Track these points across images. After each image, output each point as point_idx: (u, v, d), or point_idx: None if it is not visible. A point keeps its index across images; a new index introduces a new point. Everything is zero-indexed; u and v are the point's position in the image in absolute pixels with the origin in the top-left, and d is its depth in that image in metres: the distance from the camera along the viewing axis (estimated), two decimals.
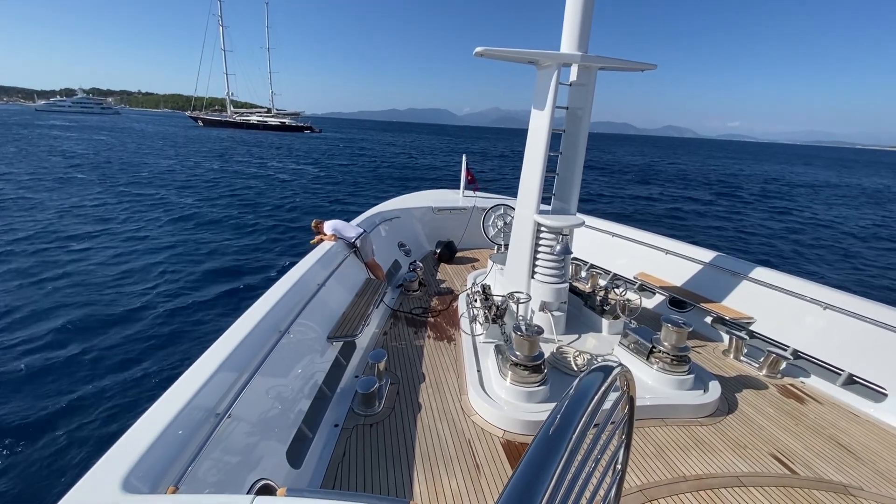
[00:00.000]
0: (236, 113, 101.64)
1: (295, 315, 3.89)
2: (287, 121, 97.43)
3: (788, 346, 4.81)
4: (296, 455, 3.05)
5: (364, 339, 4.86)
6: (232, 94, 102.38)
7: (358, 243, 5.90)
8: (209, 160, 36.77)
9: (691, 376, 4.05)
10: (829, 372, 4.51)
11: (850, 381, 4.35)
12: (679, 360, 4.06)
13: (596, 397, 1.01)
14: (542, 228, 4.88)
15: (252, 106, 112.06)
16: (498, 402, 3.76)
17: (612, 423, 1.28)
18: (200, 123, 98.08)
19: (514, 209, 5.50)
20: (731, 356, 4.98)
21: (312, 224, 6.02)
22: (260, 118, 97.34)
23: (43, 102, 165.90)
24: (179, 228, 15.01)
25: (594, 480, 1.14)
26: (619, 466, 1.42)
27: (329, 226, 5.89)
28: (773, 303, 5.13)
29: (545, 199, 5.02)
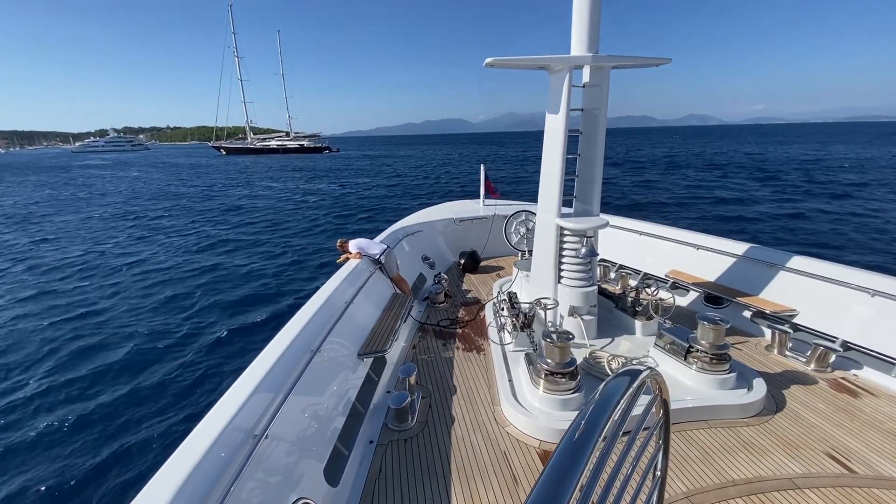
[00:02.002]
0: (257, 139, 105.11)
1: (325, 334, 3.94)
2: (305, 143, 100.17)
3: (837, 338, 4.56)
4: (333, 473, 3.08)
5: (394, 354, 4.88)
6: (251, 121, 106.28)
7: (382, 259, 5.96)
8: (233, 188, 38.07)
9: (733, 375, 3.89)
10: (884, 362, 4.24)
11: None
12: (719, 358, 3.90)
13: (622, 402, 0.98)
14: (566, 232, 4.82)
15: (271, 131, 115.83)
16: (532, 412, 3.70)
17: (647, 428, 1.25)
18: (223, 152, 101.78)
19: (535, 215, 5.46)
20: (775, 351, 4.76)
21: (338, 243, 6.12)
22: (279, 142, 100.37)
23: (79, 144, 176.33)
24: (209, 256, 15.54)
25: (631, 488, 1.11)
26: (658, 472, 1.38)
27: (353, 244, 5.98)
28: (817, 293, 4.89)
29: (566, 202, 4.96)
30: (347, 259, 5.83)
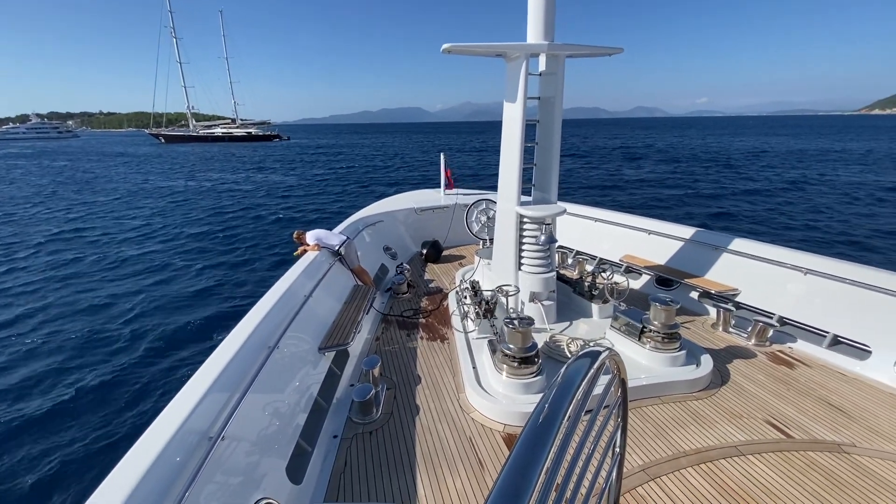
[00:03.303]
0: (200, 126, 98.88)
1: (283, 329, 3.80)
2: (254, 130, 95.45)
3: (774, 314, 4.94)
4: (296, 470, 3.00)
5: (357, 347, 4.80)
6: (193, 107, 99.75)
7: (342, 251, 5.81)
8: (172, 179, 35.39)
9: (683, 352, 4.12)
10: (815, 335, 4.64)
11: (836, 342, 4.49)
12: (670, 337, 4.12)
13: (583, 384, 1.01)
14: (525, 220, 4.90)
15: (216, 118, 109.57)
16: (496, 397, 3.75)
17: (607, 406, 1.30)
18: (162, 140, 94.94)
19: (495, 203, 5.50)
20: (720, 329, 5.09)
21: (294, 235, 5.90)
22: (225, 130, 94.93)
23: None
24: (148, 255, 14.42)
25: (593, 466, 1.15)
26: (617, 450, 1.43)
27: (311, 236, 5.78)
28: (756, 273, 5.26)
29: (525, 191, 5.03)
30: (305, 251, 5.64)
